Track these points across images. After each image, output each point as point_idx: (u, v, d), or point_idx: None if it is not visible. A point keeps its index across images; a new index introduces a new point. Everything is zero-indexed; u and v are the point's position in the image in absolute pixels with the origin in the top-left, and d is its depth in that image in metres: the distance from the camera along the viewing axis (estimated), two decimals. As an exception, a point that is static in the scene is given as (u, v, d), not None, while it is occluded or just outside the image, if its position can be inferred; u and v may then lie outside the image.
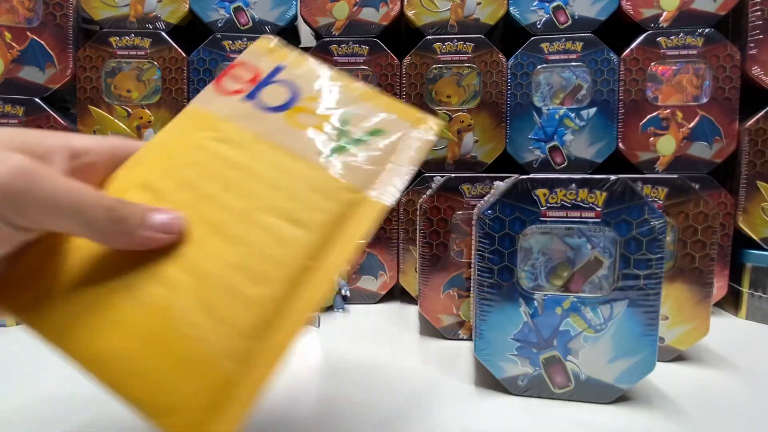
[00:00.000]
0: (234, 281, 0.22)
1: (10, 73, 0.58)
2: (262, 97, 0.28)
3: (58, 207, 0.18)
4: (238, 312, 0.21)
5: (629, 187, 0.33)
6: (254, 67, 0.29)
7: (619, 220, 0.34)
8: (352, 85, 0.29)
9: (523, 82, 0.59)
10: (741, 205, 0.56)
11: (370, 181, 0.25)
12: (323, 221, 0.24)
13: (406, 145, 0.27)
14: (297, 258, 0.23)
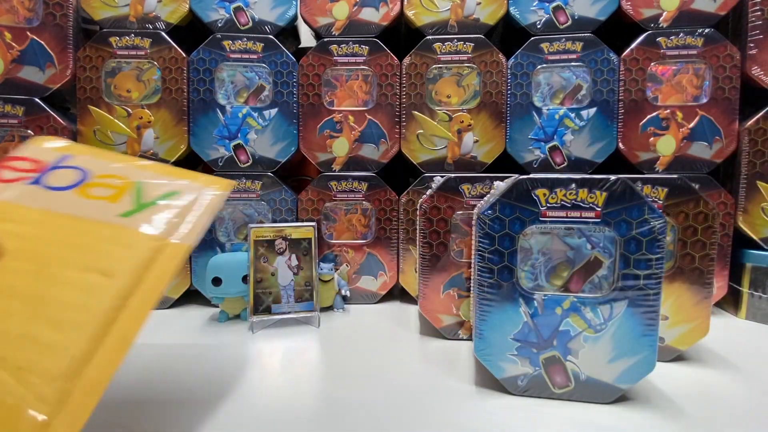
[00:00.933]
0: (34, 333, 0.24)
1: (10, 73, 0.58)
2: (47, 180, 0.31)
3: None
4: (41, 360, 0.23)
5: (629, 187, 0.33)
6: (34, 160, 0.33)
7: (619, 220, 0.34)
8: (141, 162, 0.33)
9: (523, 82, 0.59)
10: (741, 205, 0.56)
11: (172, 230, 0.29)
12: (129, 268, 0.27)
13: (202, 200, 0.31)
14: (107, 300, 0.25)
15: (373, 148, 0.61)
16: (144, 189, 0.31)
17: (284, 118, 0.61)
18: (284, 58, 0.60)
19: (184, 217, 0.29)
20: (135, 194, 0.30)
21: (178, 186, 0.31)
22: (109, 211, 0.29)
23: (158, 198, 0.30)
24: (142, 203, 0.30)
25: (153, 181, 0.31)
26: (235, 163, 0.61)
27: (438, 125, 0.60)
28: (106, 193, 0.30)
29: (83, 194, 0.30)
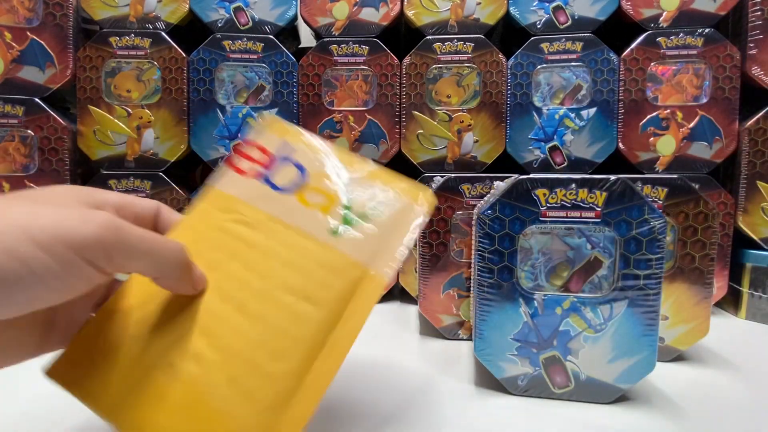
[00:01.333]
0: (256, 357, 0.24)
1: (10, 73, 0.58)
2: (274, 178, 0.30)
3: (138, 254, 0.21)
4: (260, 387, 0.24)
5: (629, 187, 0.33)
6: (264, 149, 0.32)
7: (619, 220, 0.34)
8: (351, 159, 0.31)
9: (523, 82, 0.59)
10: (741, 205, 0.56)
11: (372, 257, 0.27)
12: (332, 298, 0.26)
13: (403, 221, 0.29)
14: (312, 334, 0.25)
15: (373, 148, 0.61)
16: (353, 200, 0.29)
17: (284, 118, 0.61)
18: (284, 58, 0.60)
19: (387, 242, 0.28)
20: (344, 206, 0.29)
21: (386, 200, 0.29)
22: (322, 226, 0.28)
23: (366, 214, 0.29)
24: (349, 218, 0.28)
25: (362, 189, 0.29)
26: (235, 163, 0.61)
27: (438, 125, 0.60)
28: (320, 201, 0.29)
29: (302, 200, 0.29)
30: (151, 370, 0.24)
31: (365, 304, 0.26)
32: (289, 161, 0.31)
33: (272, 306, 0.26)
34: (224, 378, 0.24)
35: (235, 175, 0.31)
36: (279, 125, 0.33)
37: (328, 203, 0.29)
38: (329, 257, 0.27)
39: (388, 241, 0.28)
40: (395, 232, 0.28)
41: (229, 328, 0.25)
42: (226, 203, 0.30)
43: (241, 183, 0.30)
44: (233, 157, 0.31)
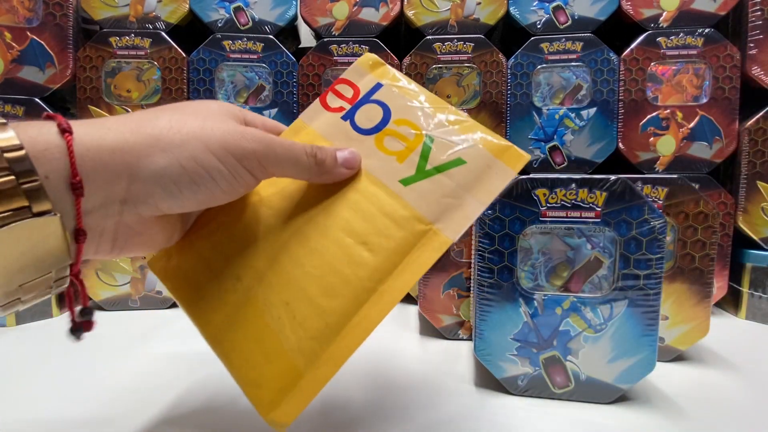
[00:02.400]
0: (309, 289, 0.25)
1: (10, 73, 0.58)
2: (357, 117, 0.30)
3: (283, 161, 0.25)
4: (310, 317, 0.25)
5: (629, 187, 0.33)
6: (354, 85, 0.31)
7: (619, 220, 0.34)
8: (441, 107, 0.29)
9: (523, 82, 0.59)
10: (741, 205, 0.56)
11: (441, 213, 0.26)
12: (390, 248, 0.26)
13: (484, 179, 0.26)
14: (362, 279, 0.25)
15: (373, 148, 0.61)
16: (432, 150, 0.27)
17: (284, 118, 0.61)
18: (284, 58, 0.60)
19: (460, 199, 0.26)
20: (421, 155, 0.27)
21: (467, 153, 0.27)
22: (394, 173, 0.27)
23: (443, 166, 0.27)
24: (425, 170, 0.27)
25: (444, 138, 0.28)
26: (235, 163, 0.61)
27: (438, 125, 0.60)
28: (398, 147, 0.28)
29: (379, 145, 0.28)
30: (222, 278, 0.27)
31: (422, 261, 0.25)
32: (377, 102, 0.30)
33: (332, 244, 0.26)
34: (280, 300, 0.25)
35: (321, 109, 0.31)
36: (377, 64, 0.32)
37: (405, 150, 0.28)
38: (394, 207, 0.26)
39: (461, 198, 0.26)
40: (472, 189, 0.26)
41: (289, 255, 0.26)
42: (308, 136, 0.30)
43: (326, 118, 0.31)
44: (326, 93, 0.32)
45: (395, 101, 0.30)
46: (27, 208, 0.19)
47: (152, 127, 0.22)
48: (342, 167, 0.27)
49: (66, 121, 0.20)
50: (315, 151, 0.26)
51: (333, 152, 0.27)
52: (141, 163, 0.21)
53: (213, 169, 0.23)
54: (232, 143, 0.23)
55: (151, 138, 0.21)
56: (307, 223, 0.27)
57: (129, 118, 0.22)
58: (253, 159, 0.24)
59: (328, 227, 0.27)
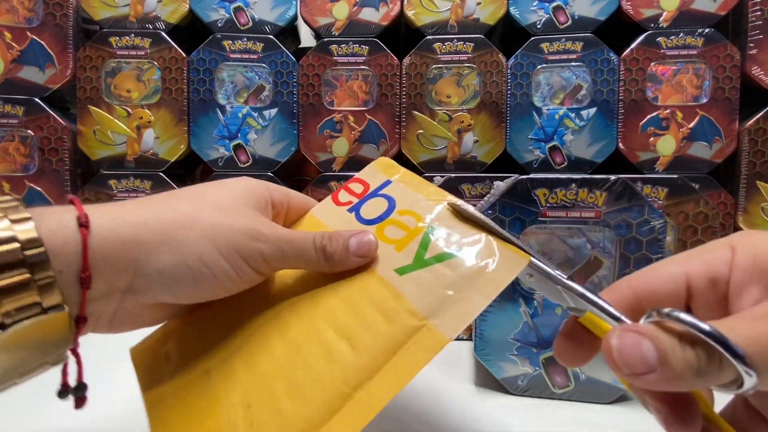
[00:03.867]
0: (275, 388, 0.22)
1: (10, 73, 0.58)
2: (363, 209, 0.29)
3: (291, 258, 0.25)
4: (269, 422, 0.22)
5: (629, 187, 0.33)
6: (365, 183, 0.31)
7: (619, 220, 0.34)
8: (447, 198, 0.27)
9: (523, 82, 0.59)
10: (741, 205, 0.56)
11: (438, 307, 0.22)
12: (374, 345, 0.22)
13: (490, 269, 0.23)
14: (337, 382, 0.22)
15: (373, 148, 0.61)
16: (433, 239, 0.25)
17: (284, 118, 0.61)
18: (284, 58, 0.60)
19: (461, 291, 0.22)
20: (421, 243, 0.25)
21: (470, 244, 0.24)
22: (390, 262, 0.25)
23: (443, 255, 0.24)
24: (423, 259, 0.24)
25: (446, 229, 0.25)
26: (235, 163, 0.61)
27: (438, 125, 0.60)
28: (397, 236, 0.26)
29: (380, 234, 0.27)
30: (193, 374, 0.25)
31: (411, 363, 0.22)
32: (383, 195, 0.29)
33: (311, 336, 0.23)
34: (242, 401, 0.23)
35: (331, 204, 0.31)
36: (390, 165, 0.32)
37: (405, 239, 0.26)
38: (385, 297, 0.24)
39: (463, 290, 0.22)
40: (476, 281, 0.23)
41: (265, 345, 0.24)
42: (313, 226, 0.30)
43: (331, 210, 0.30)
44: (339, 190, 0.32)
45: (401, 194, 0.29)
46: (38, 304, 0.19)
47: (167, 221, 0.22)
48: (354, 256, 0.25)
49: (85, 214, 0.21)
50: (324, 244, 0.25)
51: (345, 240, 0.25)
52: (148, 260, 0.21)
53: (218, 269, 0.23)
54: (242, 244, 0.23)
55: (163, 234, 0.22)
56: (289, 308, 0.25)
57: (149, 206, 0.23)
58: (259, 259, 0.24)
59: (311, 316, 0.24)
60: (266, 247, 0.24)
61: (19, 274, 0.18)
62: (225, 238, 0.23)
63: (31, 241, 0.19)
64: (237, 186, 0.26)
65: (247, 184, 0.27)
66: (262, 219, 0.25)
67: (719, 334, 0.15)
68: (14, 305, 0.18)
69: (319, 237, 0.25)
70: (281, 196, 0.29)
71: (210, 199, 0.24)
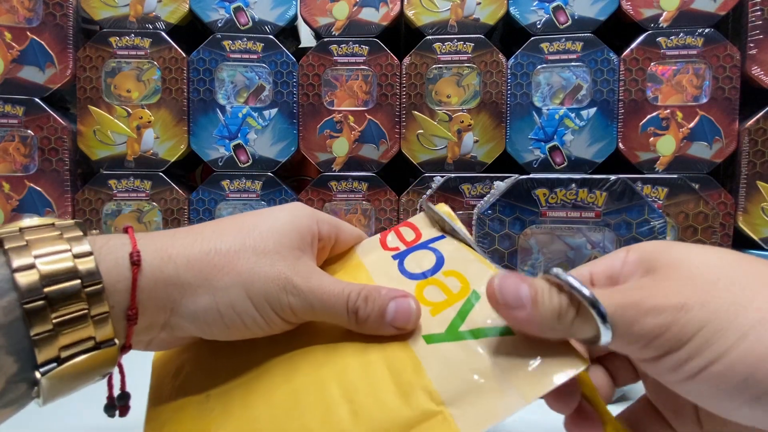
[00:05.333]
0: None
1: (10, 73, 0.58)
2: (408, 260, 0.26)
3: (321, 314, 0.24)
4: None
5: (629, 187, 0.33)
6: (418, 231, 0.28)
7: (619, 220, 0.34)
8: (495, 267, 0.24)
9: (523, 82, 0.59)
10: (741, 205, 0.56)
11: (463, 395, 0.19)
12: (376, 417, 0.19)
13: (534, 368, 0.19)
14: None
15: (373, 148, 0.61)
16: (475, 308, 0.22)
17: (284, 118, 0.61)
18: (284, 58, 0.60)
19: (494, 381, 0.19)
20: (459, 311, 0.22)
21: None
22: (420, 328, 0.22)
23: (481, 331, 0.20)
24: (457, 331, 0.21)
25: None
26: (235, 163, 0.61)
27: (438, 125, 0.60)
28: (437, 299, 0.23)
29: (419, 293, 0.24)
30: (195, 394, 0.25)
31: None
32: (433, 250, 0.26)
33: (314, 390, 0.21)
34: None
35: (377, 245, 0.28)
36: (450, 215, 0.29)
37: (444, 303, 0.23)
38: (405, 367, 0.21)
39: (496, 381, 0.19)
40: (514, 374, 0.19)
41: (266, 388, 0.23)
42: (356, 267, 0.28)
43: (377, 254, 0.28)
44: (388, 232, 0.29)
45: (453, 252, 0.25)
46: (92, 338, 0.20)
47: (206, 263, 0.22)
48: (390, 326, 0.22)
49: (138, 251, 0.21)
50: (358, 306, 0.23)
51: (382, 304, 0.23)
52: (184, 300, 0.22)
53: (248, 317, 0.23)
54: (273, 296, 0.23)
55: (201, 277, 0.22)
56: (301, 352, 0.24)
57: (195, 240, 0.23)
58: (288, 311, 0.23)
59: (320, 365, 0.22)
60: (296, 301, 0.23)
61: (78, 308, 0.19)
62: (258, 287, 0.23)
63: (90, 274, 0.20)
64: (282, 220, 0.25)
65: (294, 217, 0.26)
66: (300, 265, 0.24)
67: (592, 296, 0.17)
68: (71, 339, 0.19)
69: (354, 295, 0.23)
70: (330, 228, 0.28)
71: (253, 238, 0.24)
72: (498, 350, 0.20)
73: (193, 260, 0.22)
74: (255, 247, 0.24)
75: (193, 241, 0.23)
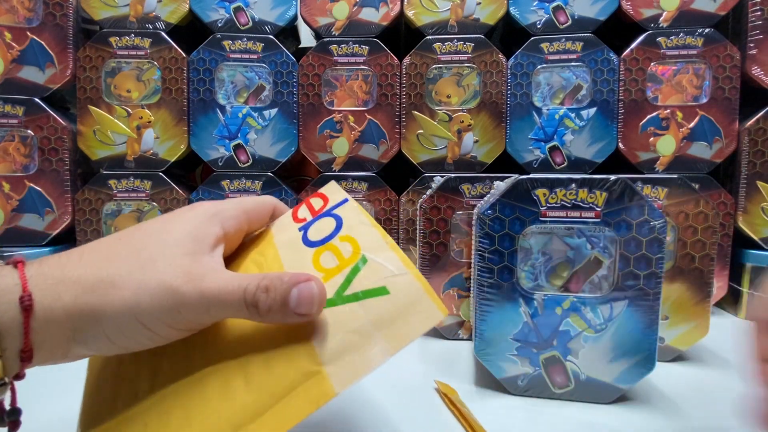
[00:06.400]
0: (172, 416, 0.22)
1: (10, 73, 0.58)
2: (312, 229, 0.27)
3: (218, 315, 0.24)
4: None
5: (629, 187, 0.33)
6: (326, 199, 0.29)
7: (619, 220, 0.34)
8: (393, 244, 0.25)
9: (523, 82, 0.59)
10: (741, 205, 0.56)
11: (339, 354, 0.21)
12: (265, 384, 0.21)
13: (404, 317, 0.21)
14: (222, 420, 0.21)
15: (373, 148, 0.61)
16: (360, 273, 0.23)
17: (284, 118, 0.61)
18: (284, 58, 0.60)
19: (366, 338, 0.21)
20: (346, 277, 0.23)
21: (395, 282, 0.22)
22: None
23: (363, 293, 0.22)
24: (342, 295, 0.23)
25: (378, 260, 0.24)
26: (235, 163, 0.61)
27: (438, 125, 0.60)
28: (329, 265, 0.24)
29: (315, 260, 0.25)
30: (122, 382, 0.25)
31: (295, 411, 0.20)
32: (335, 216, 0.27)
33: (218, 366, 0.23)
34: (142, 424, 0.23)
35: (290, 219, 0.29)
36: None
37: (335, 269, 0.24)
38: (291, 335, 0.22)
39: (369, 337, 0.21)
40: (385, 328, 0.21)
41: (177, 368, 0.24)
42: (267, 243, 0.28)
43: (287, 228, 0.28)
44: (300, 204, 0.30)
45: (351, 216, 0.27)
46: None
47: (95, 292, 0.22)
48: (294, 313, 0.22)
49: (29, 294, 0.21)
50: (257, 299, 0.22)
51: (284, 292, 0.22)
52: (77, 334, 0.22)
53: (144, 337, 0.23)
54: (165, 313, 0.22)
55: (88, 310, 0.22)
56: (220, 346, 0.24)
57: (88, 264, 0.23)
58: (186, 322, 0.23)
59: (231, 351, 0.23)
60: (190, 311, 0.22)
61: None
62: (146, 308, 0.22)
63: None
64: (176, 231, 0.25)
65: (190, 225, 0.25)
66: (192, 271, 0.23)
67: None
68: None
69: (252, 288, 0.22)
70: (237, 222, 0.27)
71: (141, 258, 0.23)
72: (372, 309, 0.22)
73: (81, 293, 0.22)
74: (143, 266, 0.23)
75: (83, 272, 0.23)
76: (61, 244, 0.60)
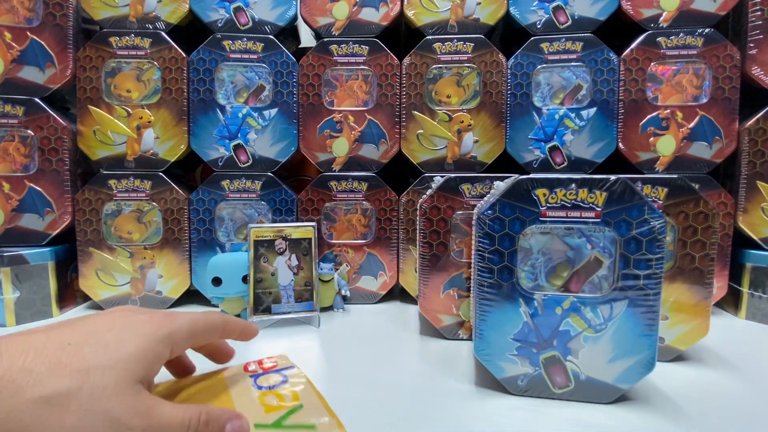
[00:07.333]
0: None
1: (10, 73, 0.58)
2: (261, 378, 0.33)
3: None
4: None
5: (629, 187, 0.33)
6: (276, 362, 0.35)
7: (619, 220, 0.34)
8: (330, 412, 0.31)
9: (523, 82, 0.59)
10: (741, 205, 0.56)
11: None
12: None
13: None
14: None
15: (373, 148, 0.61)
16: (298, 412, 0.29)
17: (284, 118, 0.61)
18: (284, 58, 0.60)
19: None
20: (288, 411, 0.29)
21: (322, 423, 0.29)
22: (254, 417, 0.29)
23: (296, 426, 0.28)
24: (282, 424, 0.28)
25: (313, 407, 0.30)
26: (235, 163, 0.61)
27: (438, 125, 0.60)
28: (273, 403, 0.30)
29: (261, 399, 0.31)
30: None
31: None
32: (283, 374, 0.34)
33: None
34: None
35: (240, 370, 0.34)
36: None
37: (278, 407, 0.30)
38: None
39: None
40: None
41: None
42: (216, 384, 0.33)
43: (237, 376, 0.34)
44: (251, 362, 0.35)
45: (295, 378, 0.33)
46: None
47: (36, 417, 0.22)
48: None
49: None
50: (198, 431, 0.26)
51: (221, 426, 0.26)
52: None
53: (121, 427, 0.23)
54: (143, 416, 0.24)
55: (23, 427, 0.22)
56: None
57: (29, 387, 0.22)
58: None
59: None
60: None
61: None
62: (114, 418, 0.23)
63: None
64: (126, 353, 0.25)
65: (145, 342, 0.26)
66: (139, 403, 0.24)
67: None
68: None
69: (195, 421, 0.26)
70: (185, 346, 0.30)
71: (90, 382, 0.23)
72: None
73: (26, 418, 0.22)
74: (91, 392, 0.23)
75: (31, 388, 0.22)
76: (61, 244, 0.60)
